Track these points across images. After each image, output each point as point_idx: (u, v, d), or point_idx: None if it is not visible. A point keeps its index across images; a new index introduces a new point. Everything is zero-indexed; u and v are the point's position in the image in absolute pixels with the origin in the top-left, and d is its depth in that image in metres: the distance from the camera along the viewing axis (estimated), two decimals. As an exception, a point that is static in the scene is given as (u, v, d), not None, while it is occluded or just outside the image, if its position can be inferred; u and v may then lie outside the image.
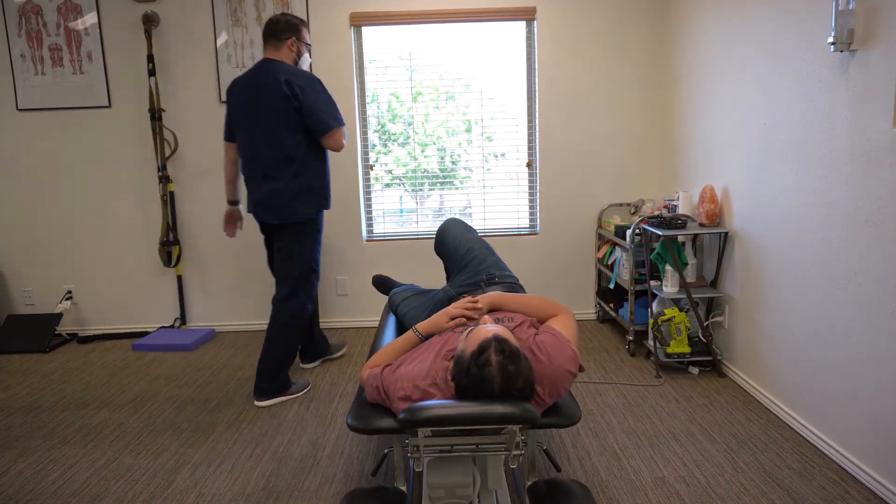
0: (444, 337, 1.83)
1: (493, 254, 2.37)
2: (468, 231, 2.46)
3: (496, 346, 1.52)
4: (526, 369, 1.54)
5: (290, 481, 2.30)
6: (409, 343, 1.94)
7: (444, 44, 4.08)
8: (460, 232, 2.45)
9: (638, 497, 2.14)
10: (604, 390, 3.04)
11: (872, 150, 2.09)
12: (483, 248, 2.38)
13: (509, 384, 1.51)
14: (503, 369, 1.50)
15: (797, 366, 2.56)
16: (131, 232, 4.17)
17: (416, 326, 1.96)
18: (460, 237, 2.43)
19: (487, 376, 1.50)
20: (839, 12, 2.14)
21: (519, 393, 1.52)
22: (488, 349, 1.52)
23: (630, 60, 4.01)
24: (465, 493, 1.51)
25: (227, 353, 3.79)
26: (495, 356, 1.51)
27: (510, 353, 1.52)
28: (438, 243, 2.52)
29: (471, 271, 2.32)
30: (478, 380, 1.50)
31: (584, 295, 4.25)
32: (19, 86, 4.02)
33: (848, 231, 2.22)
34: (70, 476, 2.38)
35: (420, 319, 2.28)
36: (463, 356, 1.55)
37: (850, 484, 2.17)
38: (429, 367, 1.69)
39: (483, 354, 1.51)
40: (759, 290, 2.84)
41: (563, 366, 1.66)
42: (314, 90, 2.83)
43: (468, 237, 2.42)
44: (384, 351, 1.92)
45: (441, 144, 4.20)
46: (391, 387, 1.70)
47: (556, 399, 1.68)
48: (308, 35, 3.00)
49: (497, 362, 1.50)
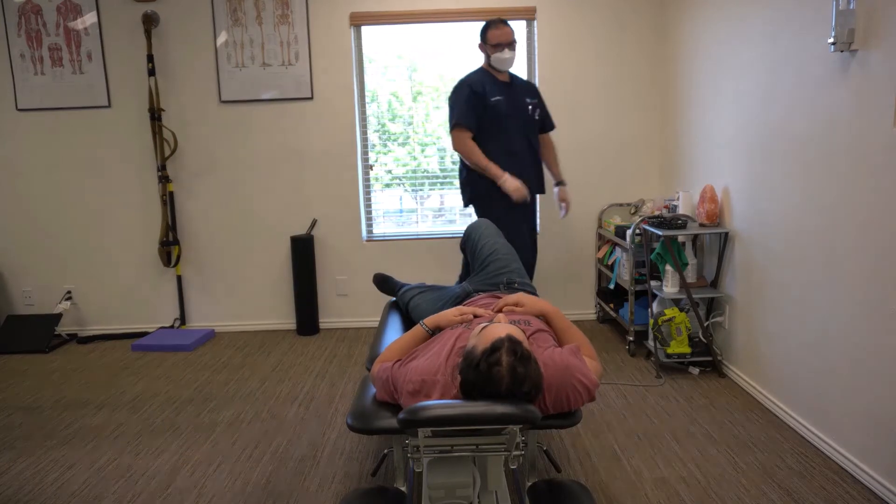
0: (456, 332, 1.82)
1: (516, 260, 2.39)
2: (497, 235, 2.51)
3: (508, 347, 1.51)
4: (535, 373, 1.53)
5: (290, 481, 2.30)
6: (416, 337, 1.95)
7: (444, 44, 4.08)
8: (489, 234, 2.49)
9: (638, 497, 2.13)
10: (604, 390, 3.04)
11: (872, 150, 2.09)
12: (508, 253, 2.41)
13: (516, 386, 1.49)
14: (512, 370, 1.49)
15: (797, 366, 2.56)
16: (131, 232, 4.17)
17: (424, 321, 1.97)
18: (489, 238, 2.47)
19: (496, 375, 1.49)
20: (839, 12, 2.14)
21: (524, 396, 1.51)
22: (500, 348, 1.50)
23: (630, 60, 4.01)
24: (465, 493, 1.51)
25: (227, 353, 3.79)
26: (506, 356, 1.49)
27: (522, 355, 1.51)
28: (466, 240, 2.58)
29: (491, 272, 2.33)
30: (486, 377, 1.49)
31: (584, 295, 4.25)
32: (19, 86, 4.01)
33: (848, 231, 2.22)
34: (70, 476, 2.38)
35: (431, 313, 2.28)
36: (474, 352, 1.54)
37: (850, 484, 2.17)
38: (440, 362, 1.68)
39: (495, 353, 1.50)
40: (759, 290, 2.83)
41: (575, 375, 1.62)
42: (452, 92, 3.27)
43: (496, 240, 2.46)
44: (393, 346, 1.93)
45: (441, 144, 4.20)
46: (400, 381, 1.70)
47: (559, 411, 1.65)
48: (492, 37, 3.19)
49: (507, 363, 1.49)
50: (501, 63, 3.21)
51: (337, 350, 3.79)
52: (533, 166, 3.34)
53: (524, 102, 3.30)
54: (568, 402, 1.63)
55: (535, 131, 3.36)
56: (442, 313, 1.99)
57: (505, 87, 3.27)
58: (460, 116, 3.19)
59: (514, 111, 3.26)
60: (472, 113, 3.19)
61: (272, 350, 3.83)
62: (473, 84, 3.22)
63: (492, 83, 3.24)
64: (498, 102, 3.21)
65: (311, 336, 4.10)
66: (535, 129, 3.36)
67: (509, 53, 3.18)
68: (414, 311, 2.52)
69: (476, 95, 3.19)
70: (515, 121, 3.26)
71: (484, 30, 3.22)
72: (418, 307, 2.50)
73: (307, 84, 4.00)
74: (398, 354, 1.87)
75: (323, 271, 4.21)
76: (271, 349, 3.85)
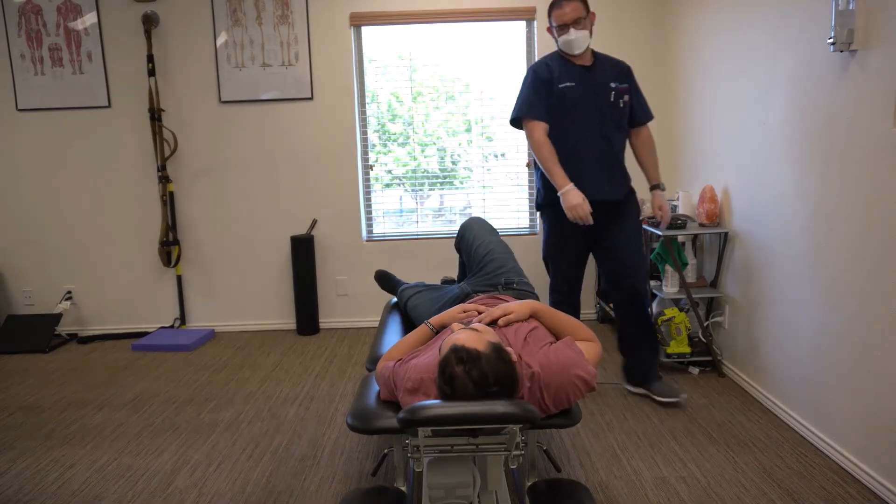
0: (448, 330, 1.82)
1: (512, 259, 2.37)
2: (491, 233, 2.46)
3: (454, 358, 1.52)
4: (491, 365, 1.51)
5: (290, 481, 2.30)
6: (422, 336, 1.96)
7: (444, 44, 4.08)
8: (483, 233, 2.45)
9: (638, 497, 2.13)
10: (604, 390, 3.04)
11: (872, 150, 2.09)
12: (504, 251, 2.38)
13: (483, 386, 1.50)
14: (469, 375, 1.50)
15: (797, 366, 2.56)
16: (131, 232, 4.17)
17: (430, 320, 2.00)
18: (483, 238, 2.43)
19: (460, 387, 1.50)
20: (839, 12, 2.14)
21: (501, 389, 1.51)
22: (450, 363, 1.52)
23: (630, 60, 3.99)
24: (465, 493, 1.51)
25: (227, 354, 3.79)
26: (457, 367, 1.51)
27: (468, 357, 1.51)
28: (460, 239, 2.53)
29: (489, 273, 2.31)
30: (453, 391, 1.51)
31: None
32: (19, 86, 4.01)
33: (848, 231, 2.22)
34: (70, 476, 2.38)
35: (429, 314, 2.28)
36: (439, 367, 1.56)
37: (850, 484, 2.17)
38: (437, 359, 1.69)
39: (446, 371, 1.52)
40: (759, 290, 2.83)
41: (573, 371, 1.62)
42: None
43: (490, 238, 2.42)
44: (398, 346, 1.95)
45: (441, 144, 4.20)
46: (400, 378, 1.71)
47: (561, 408, 1.65)
48: (554, 17, 2.71)
49: (461, 371, 1.50)
50: (567, 46, 2.71)
51: (337, 350, 3.79)
52: (604, 168, 2.77)
53: (606, 89, 2.74)
54: (568, 399, 1.63)
55: (617, 124, 2.77)
56: (446, 312, 2.01)
57: (582, 71, 2.75)
58: (521, 106, 2.75)
59: (588, 100, 2.73)
60: (539, 100, 2.73)
61: (272, 350, 3.83)
62: (538, 69, 2.76)
63: (564, 67, 2.75)
64: (567, 90, 2.72)
65: (311, 336, 4.10)
66: (617, 121, 2.77)
67: (575, 34, 2.66)
68: (413, 311, 2.51)
69: (542, 81, 2.74)
70: (589, 112, 2.73)
71: (549, 11, 2.75)
72: (416, 308, 2.49)
73: (307, 84, 4.00)
74: (402, 353, 1.88)
75: (323, 271, 4.21)
76: (271, 349, 3.85)
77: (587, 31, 2.70)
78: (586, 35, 2.70)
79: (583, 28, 2.68)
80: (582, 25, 2.68)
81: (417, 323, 2.46)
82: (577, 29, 2.67)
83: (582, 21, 2.67)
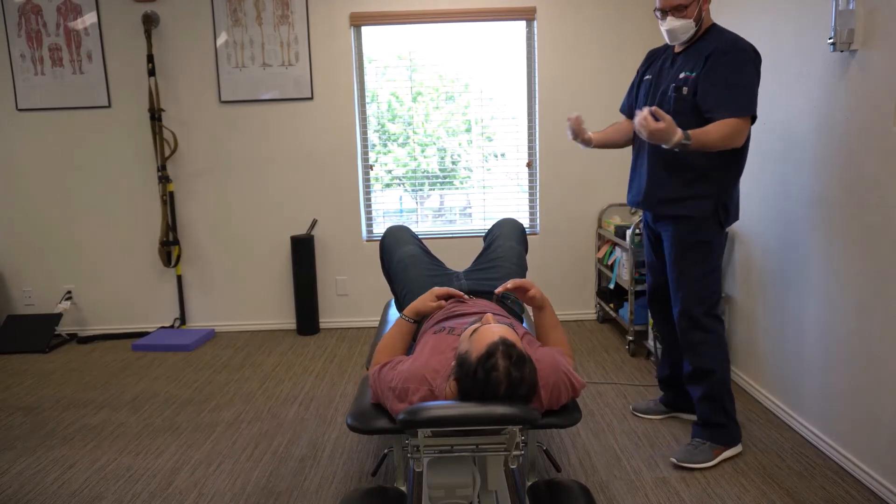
0: (439, 336, 1.81)
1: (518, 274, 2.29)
2: (520, 242, 2.40)
3: (503, 351, 1.50)
4: (530, 375, 1.53)
5: (290, 481, 2.30)
6: (402, 330, 1.94)
7: (443, 44, 4.08)
8: (513, 234, 2.41)
9: (638, 497, 2.14)
10: (604, 390, 3.04)
11: (872, 150, 2.09)
12: (517, 263, 2.31)
13: (513, 389, 1.50)
14: (509, 375, 1.49)
15: (797, 365, 2.56)
16: (131, 232, 4.17)
17: (404, 312, 1.98)
18: (509, 240, 2.38)
19: (494, 381, 1.49)
20: (839, 12, 2.14)
21: (521, 398, 1.52)
22: (496, 353, 1.50)
23: (630, 60, 4.01)
24: (465, 493, 1.51)
25: (227, 354, 3.79)
26: (503, 361, 1.49)
27: (517, 358, 1.51)
28: (489, 232, 2.48)
29: (493, 278, 2.24)
30: (483, 383, 1.49)
31: (584, 295, 4.25)
32: (19, 86, 4.01)
33: (848, 231, 2.22)
34: (70, 476, 2.38)
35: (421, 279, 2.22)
36: (468, 358, 1.53)
37: (850, 484, 2.17)
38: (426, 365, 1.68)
39: (490, 359, 1.49)
40: (759, 290, 2.83)
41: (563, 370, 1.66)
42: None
43: (513, 245, 2.36)
44: (380, 348, 1.92)
45: (441, 144, 4.20)
46: (386, 386, 1.69)
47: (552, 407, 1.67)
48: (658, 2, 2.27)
49: (504, 367, 1.49)
50: (666, 36, 2.30)
51: (337, 350, 3.79)
52: (648, 172, 2.36)
53: (676, 78, 2.28)
54: (559, 399, 1.66)
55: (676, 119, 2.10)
56: (419, 300, 1.98)
57: (670, 60, 2.38)
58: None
59: (649, 95, 2.40)
60: (627, 95, 2.58)
61: (272, 350, 3.83)
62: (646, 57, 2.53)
63: (662, 56, 2.43)
64: (643, 84, 2.46)
65: (311, 336, 4.10)
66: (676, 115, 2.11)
67: (671, 23, 2.22)
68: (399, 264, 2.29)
69: (638, 73, 2.53)
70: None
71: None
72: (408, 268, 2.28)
73: (307, 84, 4.00)
74: (388, 354, 1.87)
75: (323, 271, 4.21)
76: (271, 349, 3.85)
77: (690, 20, 2.22)
78: (688, 25, 2.22)
79: (680, 15, 2.21)
80: (681, 13, 2.21)
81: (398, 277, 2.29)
82: (673, 17, 2.22)
83: (681, 8, 2.20)
